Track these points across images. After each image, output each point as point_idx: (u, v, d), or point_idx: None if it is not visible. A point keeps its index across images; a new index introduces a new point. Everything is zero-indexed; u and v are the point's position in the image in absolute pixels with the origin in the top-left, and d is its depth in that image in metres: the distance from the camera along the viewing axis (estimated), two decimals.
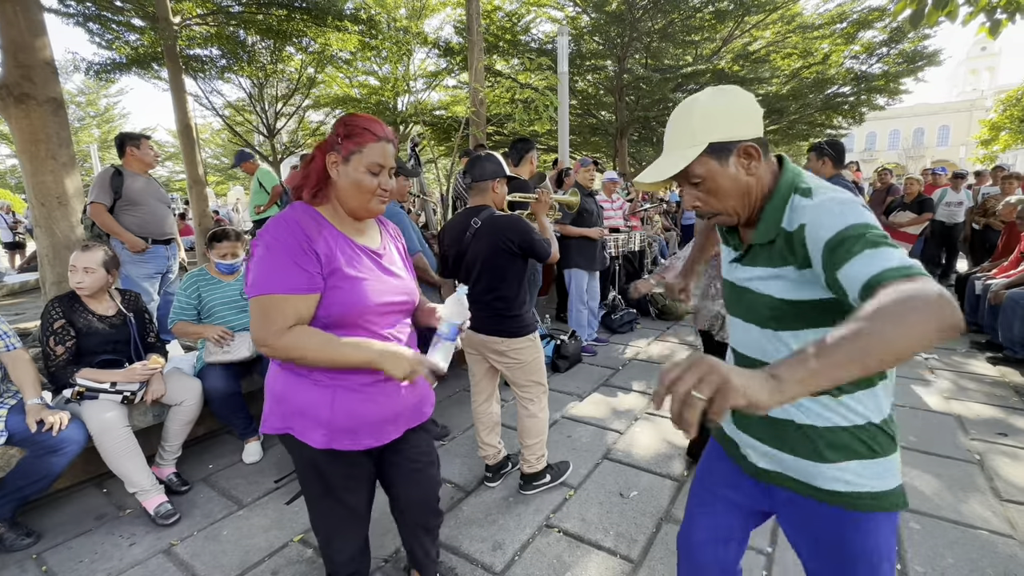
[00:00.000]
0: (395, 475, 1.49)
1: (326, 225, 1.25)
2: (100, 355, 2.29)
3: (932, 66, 11.50)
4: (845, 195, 0.86)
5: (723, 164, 0.92)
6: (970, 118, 36.85)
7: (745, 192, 0.94)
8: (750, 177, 0.93)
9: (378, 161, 1.25)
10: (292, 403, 1.26)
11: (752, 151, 0.91)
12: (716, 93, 0.93)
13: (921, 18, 3.39)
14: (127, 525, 2.21)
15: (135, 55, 8.31)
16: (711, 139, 0.91)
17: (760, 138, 0.93)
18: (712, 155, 0.92)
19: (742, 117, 0.92)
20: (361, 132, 1.24)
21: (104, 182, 3.33)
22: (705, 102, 0.93)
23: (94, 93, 21.06)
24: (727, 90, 0.94)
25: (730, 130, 0.91)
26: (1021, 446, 2.69)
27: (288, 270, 1.16)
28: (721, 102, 0.92)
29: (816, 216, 0.85)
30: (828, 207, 0.84)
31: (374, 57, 11.58)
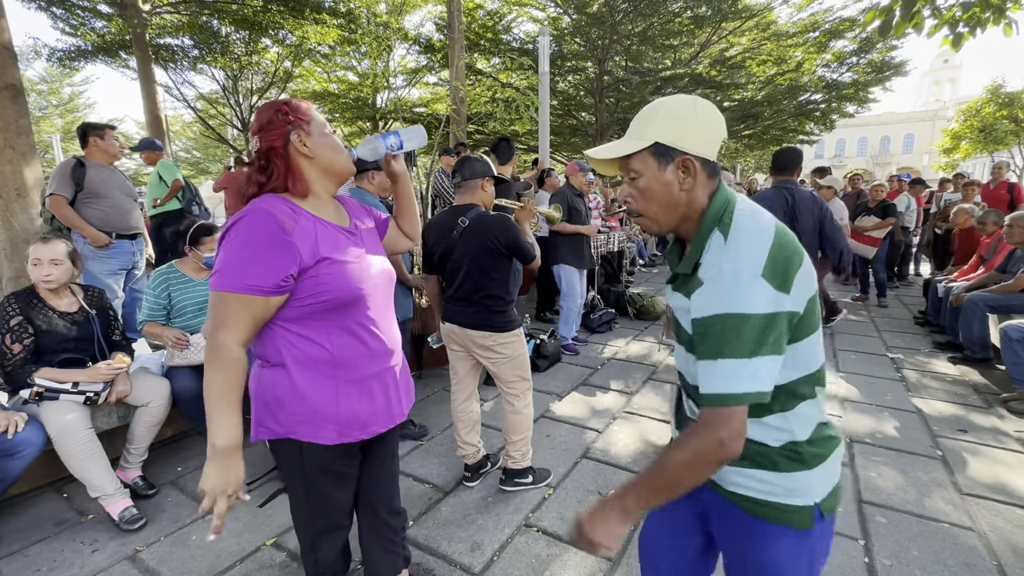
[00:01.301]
0: (370, 471, 1.47)
1: (302, 212, 1.19)
2: (61, 354, 2.19)
3: (898, 76, 11.94)
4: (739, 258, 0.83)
5: (661, 167, 0.92)
6: (933, 127, 38.41)
7: (673, 204, 0.94)
8: (682, 192, 0.92)
9: (323, 122, 1.27)
10: (296, 407, 1.21)
11: (690, 165, 0.91)
12: (686, 101, 0.93)
13: (889, 29, 3.51)
14: (89, 531, 2.12)
15: (101, 42, 8.00)
16: (659, 139, 0.91)
17: (707, 159, 0.92)
18: (654, 155, 0.92)
19: (698, 132, 0.91)
20: (296, 106, 1.22)
21: (65, 173, 3.18)
22: (671, 104, 0.93)
23: (57, 81, 20.22)
24: (698, 102, 0.93)
25: (681, 138, 0.91)
26: (980, 442, 2.81)
27: (254, 269, 1.09)
28: (684, 110, 0.92)
29: (708, 279, 0.85)
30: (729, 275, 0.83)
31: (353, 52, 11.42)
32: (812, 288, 0.88)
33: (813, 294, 0.88)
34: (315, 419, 1.22)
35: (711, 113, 0.93)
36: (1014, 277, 3.84)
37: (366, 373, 1.27)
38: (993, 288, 4.02)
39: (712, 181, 0.94)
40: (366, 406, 1.27)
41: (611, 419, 3.14)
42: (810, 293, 0.87)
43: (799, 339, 0.88)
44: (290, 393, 1.21)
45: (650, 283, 7.65)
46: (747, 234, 0.86)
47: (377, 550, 1.57)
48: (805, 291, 0.86)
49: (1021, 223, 3.84)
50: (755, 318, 0.80)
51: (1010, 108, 17.56)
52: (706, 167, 0.92)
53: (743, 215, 0.89)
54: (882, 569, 1.86)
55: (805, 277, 0.86)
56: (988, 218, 4.60)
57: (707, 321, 0.84)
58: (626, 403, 3.39)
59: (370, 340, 1.27)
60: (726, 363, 0.81)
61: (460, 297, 2.20)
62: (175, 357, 2.51)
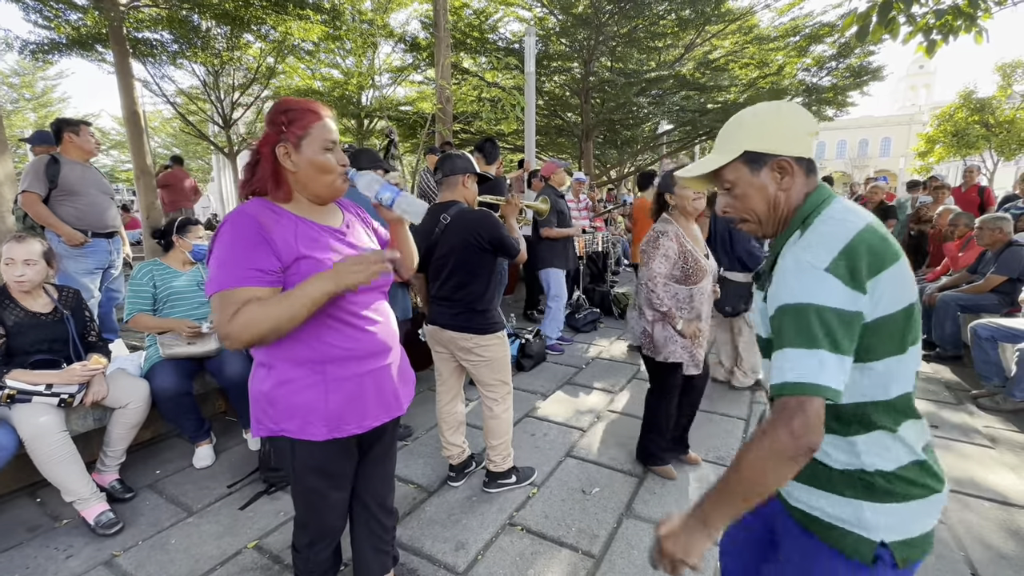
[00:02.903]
0: (366, 466, 1.48)
1: (284, 214, 1.22)
2: (34, 355, 2.13)
3: (876, 81, 12.22)
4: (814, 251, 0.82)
5: (754, 173, 0.93)
6: (909, 131, 39.40)
7: (772, 204, 0.94)
8: (781, 192, 0.93)
9: (329, 138, 1.22)
10: (285, 404, 1.22)
11: (786, 165, 0.91)
12: (772, 107, 0.94)
13: (867, 34, 3.60)
14: (63, 536, 2.07)
15: (77, 36, 7.79)
16: (747, 147, 0.92)
17: (804, 158, 0.92)
18: (746, 163, 0.93)
19: (788, 133, 0.91)
20: (304, 114, 1.20)
21: (38, 170, 3.09)
22: (757, 112, 0.94)
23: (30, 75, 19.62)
24: (783, 106, 0.94)
25: (770, 143, 0.91)
26: (951, 438, 2.90)
27: (241, 264, 1.12)
28: (771, 116, 0.93)
29: (781, 272, 0.85)
30: (791, 267, 0.83)
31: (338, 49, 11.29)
32: (897, 302, 0.82)
33: (897, 310, 0.82)
34: (304, 416, 1.22)
35: (795, 111, 0.93)
36: (984, 278, 3.97)
37: (358, 370, 1.27)
38: (964, 288, 4.15)
39: (810, 179, 0.93)
40: (357, 402, 1.27)
41: (595, 418, 3.17)
42: (892, 307, 0.82)
43: (874, 357, 0.83)
44: (279, 390, 1.22)
45: (634, 283, 7.71)
46: (822, 230, 0.84)
47: (368, 548, 1.57)
48: (884, 301, 0.81)
49: (990, 226, 3.96)
50: (820, 309, 0.78)
51: (981, 114, 18.12)
52: (802, 164, 0.92)
53: (832, 213, 0.87)
54: None
55: (893, 286, 0.81)
56: (959, 220, 4.74)
57: (776, 315, 0.83)
58: (610, 402, 3.42)
59: (361, 336, 1.27)
60: (791, 352, 0.78)
61: (443, 296, 2.19)
62: (174, 346, 2.49)
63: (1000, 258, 3.88)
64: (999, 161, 19.39)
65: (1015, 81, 18.14)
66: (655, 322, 2.33)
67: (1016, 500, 2.30)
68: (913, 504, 0.86)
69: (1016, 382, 3.16)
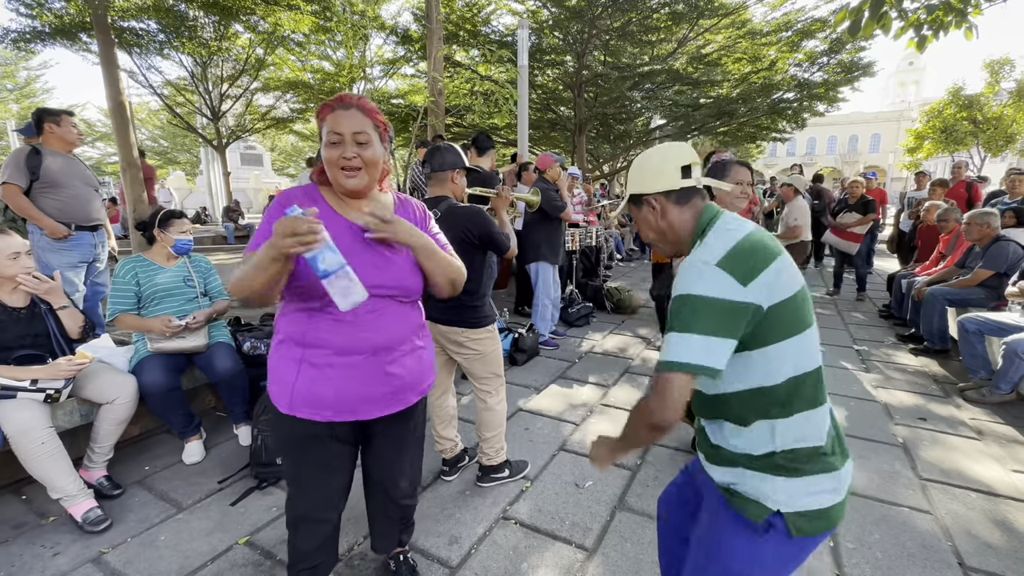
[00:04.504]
0: (373, 452, 1.54)
1: (320, 201, 1.30)
2: (17, 350, 2.09)
3: (867, 77, 12.29)
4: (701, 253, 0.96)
5: (640, 210, 1.13)
6: (898, 127, 39.69)
7: (659, 233, 1.12)
8: (662, 222, 1.10)
9: (334, 129, 1.21)
10: (272, 367, 1.34)
11: (652, 201, 1.09)
12: (645, 155, 1.12)
13: (858, 29, 3.61)
14: (50, 534, 2.04)
15: (60, 24, 7.61)
16: (631, 191, 1.14)
17: (671, 191, 1.07)
18: (633, 203, 1.15)
19: (652, 175, 1.09)
20: (324, 107, 1.24)
21: (19, 161, 3.02)
22: (636, 162, 1.13)
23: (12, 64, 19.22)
24: (654, 152, 1.11)
25: (640, 186, 1.11)
26: (939, 430, 2.94)
27: (260, 234, 1.23)
28: (641, 163, 1.12)
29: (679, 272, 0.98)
30: (687, 266, 0.97)
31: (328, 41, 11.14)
32: (784, 291, 0.93)
33: (785, 299, 0.93)
34: (278, 384, 1.32)
35: (663, 152, 1.10)
36: (971, 272, 4.02)
37: (331, 361, 1.27)
38: (952, 283, 4.20)
39: (686, 206, 1.08)
40: (332, 391, 1.27)
41: (588, 412, 3.17)
42: (780, 296, 0.93)
43: (765, 342, 0.94)
44: (274, 354, 1.34)
45: (628, 277, 7.74)
46: (714, 237, 0.99)
47: (377, 522, 1.68)
48: (773, 292, 0.92)
49: (978, 221, 4.01)
50: (705, 300, 0.89)
51: (969, 110, 18.30)
52: (670, 197, 1.08)
53: (722, 225, 1.01)
54: (846, 552, 1.94)
55: (775, 280, 0.93)
56: (948, 215, 4.79)
57: (671, 306, 0.95)
58: (603, 396, 3.42)
59: (343, 330, 1.27)
60: (671, 335, 0.92)
61: None
62: (161, 341, 2.45)
63: (987, 253, 3.93)
64: (986, 157, 19.62)
65: (1003, 78, 18.32)
66: None
67: (1002, 491, 2.34)
68: (808, 479, 0.96)
69: (1002, 375, 3.21)
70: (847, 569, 1.85)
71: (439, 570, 1.85)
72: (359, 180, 1.25)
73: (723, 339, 0.89)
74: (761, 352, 0.94)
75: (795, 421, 0.97)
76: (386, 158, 1.35)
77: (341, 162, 1.22)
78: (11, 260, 2.08)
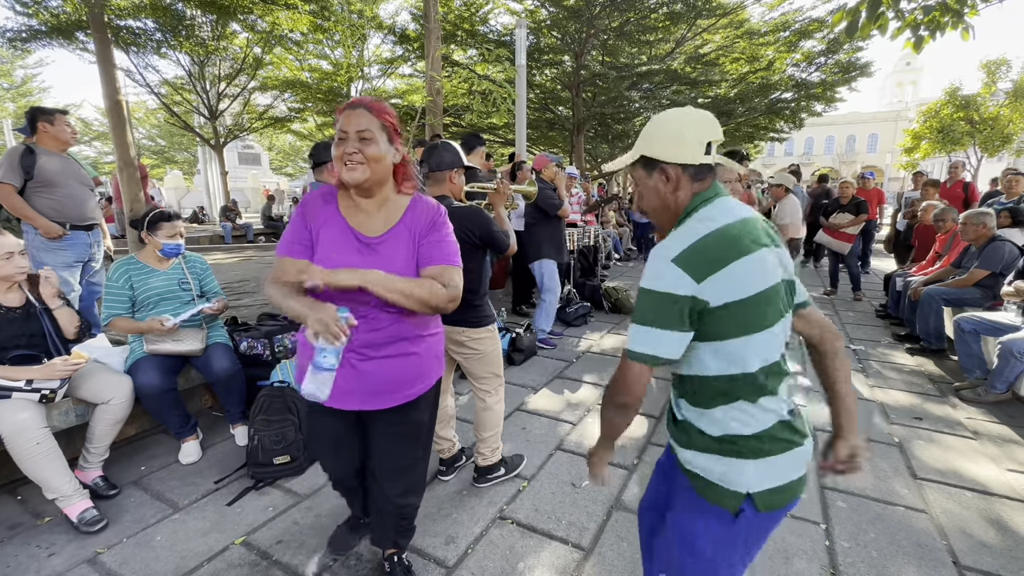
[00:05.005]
0: (369, 441, 1.61)
1: (332, 203, 1.42)
2: (12, 350, 2.08)
3: (864, 77, 12.34)
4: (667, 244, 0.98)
5: (648, 176, 1.06)
6: (895, 127, 39.81)
7: (663, 206, 1.07)
8: (669, 195, 1.05)
9: (342, 127, 1.31)
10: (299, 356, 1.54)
11: (669, 172, 1.03)
12: (672, 116, 1.03)
13: (856, 30, 3.62)
14: (45, 534, 2.03)
15: (56, 23, 7.58)
16: (643, 152, 1.05)
17: (690, 165, 1.02)
18: (643, 166, 1.07)
19: (676, 143, 1.02)
20: (339, 109, 1.35)
21: (13, 161, 3.00)
22: (659, 120, 1.05)
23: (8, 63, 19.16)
24: (684, 116, 1.03)
25: (659, 150, 1.03)
26: (935, 429, 2.95)
27: (288, 237, 1.40)
28: (667, 124, 1.03)
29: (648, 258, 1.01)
30: (651, 256, 0.99)
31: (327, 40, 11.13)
32: (741, 291, 0.94)
33: (743, 298, 0.94)
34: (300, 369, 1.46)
35: (692, 121, 1.02)
36: (967, 272, 4.03)
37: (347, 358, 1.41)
38: (948, 283, 4.21)
39: (698, 183, 1.03)
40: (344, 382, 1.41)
41: (585, 412, 3.18)
42: (736, 295, 0.94)
43: (725, 336, 0.97)
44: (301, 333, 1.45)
45: (625, 277, 7.74)
46: (684, 228, 1.00)
47: (374, 514, 1.76)
48: (728, 290, 0.93)
49: (974, 221, 4.02)
50: (657, 294, 0.95)
51: (966, 110, 18.36)
52: (688, 171, 1.02)
53: (702, 215, 1.00)
54: (841, 551, 1.94)
55: (732, 278, 0.93)
56: (945, 215, 4.81)
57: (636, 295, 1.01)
58: (600, 396, 3.42)
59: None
60: (632, 327, 0.99)
61: None
62: (157, 342, 2.44)
63: (983, 253, 3.94)
64: (983, 157, 19.68)
65: (999, 78, 18.39)
66: None
67: (997, 490, 2.35)
68: (776, 458, 1.00)
69: (997, 374, 3.22)
70: (842, 568, 1.86)
71: (436, 570, 1.85)
72: (359, 174, 1.31)
73: (673, 331, 0.95)
74: (712, 345, 0.98)
75: (754, 407, 1.00)
76: (396, 158, 1.40)
77: (344, 157, 1.30)
78: (4, 260, 2.08)
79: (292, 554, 1.91)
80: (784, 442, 1.01)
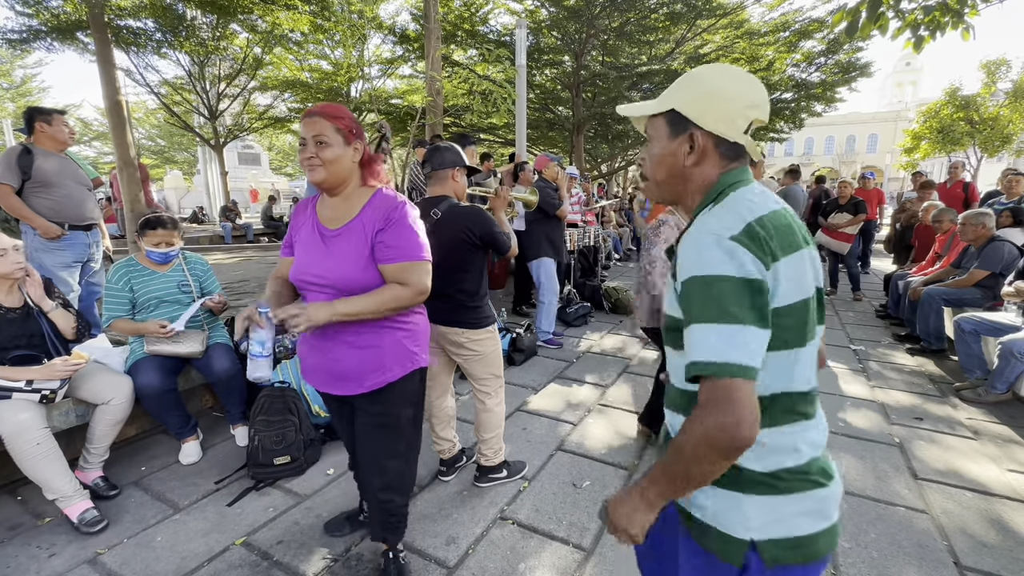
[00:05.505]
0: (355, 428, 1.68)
1: (312, 205, 1.59)
2: (12, 351, 2.08)
3: (864, 77, 12.34)
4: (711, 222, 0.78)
5: (671, 136, 0.87)
6: (895, 128, 39.82)
7: (677, 177, 0.88)
8: (687, 167, 0.86)
9: (302, 135, 1.46)
10: None
11: (696, 142, 0.84)
12: (715, 71, 0.85)
13: (856, 30, 3.62)
14: (46, 535, 2.03)
15: (56, 23, 7.58)
16: (676, 106, 0.85)
17: (726, 139, 0.84)
18: (668, 122, 0.87)
19: (718, 105, 0.83)
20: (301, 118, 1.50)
21: (10, 161, 3.00)
22: (699, 72, 0.86)
23: (8, 63, 19.15)
24: (730, 72, 0.85)
25: (697, 110, 0.83)
26: (934, 429, 2.95)
27: (284, 240, 1.65)
28: (711, 77, 0.84)
29: (683, 246, 0.79)
30: (694, 237, 0.78)
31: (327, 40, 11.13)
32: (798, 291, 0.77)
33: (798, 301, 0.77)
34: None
35: (744, 86, 0.84)
36: (967, 273, 4.03)
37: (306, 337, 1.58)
38: (948, 283, 4.21)
39: (728, 162, 0.85)
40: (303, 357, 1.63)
41: (586, 412, 3.18)
42: (794, 296, 0.76)
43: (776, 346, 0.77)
44: None
45: (626, 277, 7.74)
46: (732, 204, 0.79)
47: (365, 502, 1.84)
48: (788, 288, 0.76)
49: (972, 221, 4.02)
50: (733, 280, 0.72)
51: (966, 110, 18.36)
52: (720, 146, 0.84)
53: (747, 193, 0.81)
54: (841, 551, 1.94)
55: (793, 273, 0.76)
56: (944, 216, 4.81)
57: (682, 289, 0.76)
58: (601, 396, 3.42)
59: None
60: (701, 329, 0.72)
61: (433, 292, 2.17)
62: (158, 343, 2.43)
63: (982, 253, 3.94)
64: (983, 157, 19.69)
65: (999, 79, 18.39)
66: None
67: (998, 490, 2.35)
68: (784, 498, 0.80)
69: (997, 375, 3.22)
70: (843, 568, 1.86)
71: (436, 570, 1.85)
72: (317, 175, 1.45)
73: (759, 329, 0.71)
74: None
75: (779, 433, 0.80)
76: (356, 156, 1.50)
77: (304, 161, 1.45)
78: (13, 255, 2.08)
79: (293, 554, 1.91)
80: (797, 480, 0.80)
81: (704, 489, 0.82)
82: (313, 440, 2.54)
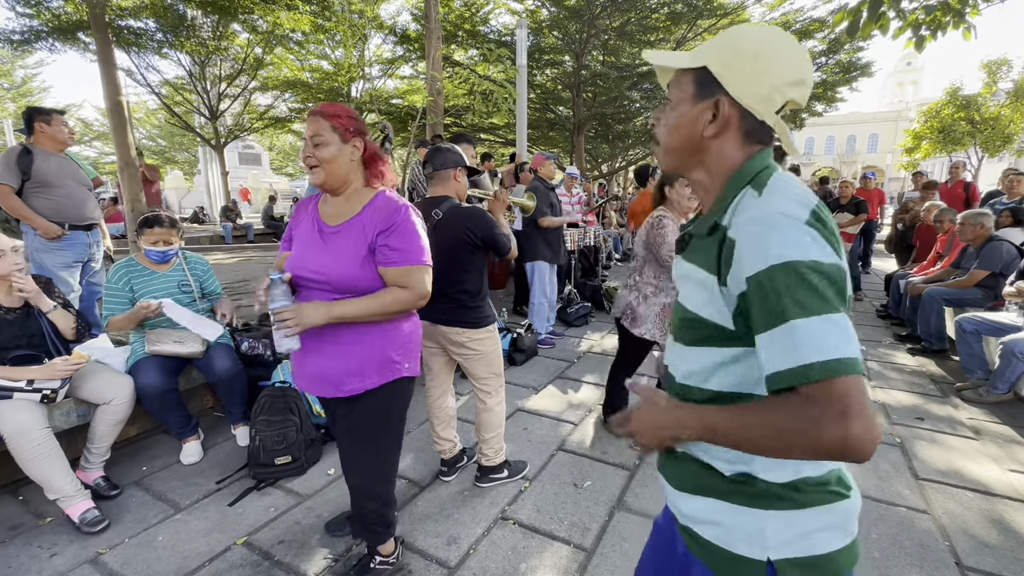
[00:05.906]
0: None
1: (314, 202, 1.59)
2: (13, 351, 2.08)
3: (865, 77, 12.34)
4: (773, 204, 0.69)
5: (696, 98, 0.77)
6: (896, 127, 39.77)
7: (694, 146, 0.79)
8: (708, 138, 0.77)
9: (303, 134, 1.49)
10: None
11: (721, 111, 0.75)
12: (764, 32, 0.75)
13: (857, 30, 3.61)
14: (47, 535, 2.03)
15: (57, 23, 7.59)
16: (710, 64, 0.75)
17: (754, 116, 0.75)
18: (696, 82, 0.77)
19: (758, 73, 0.72)
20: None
21: (10, 161, 3.00)
22: (746, 31, 0.76)
23: (8, 63, 19.16)
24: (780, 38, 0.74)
25: (731, 75, 0.74)
26: (936, 430, 2.94)
27: (284, 235, 1.66)
28: (754, 44, 0.73)
29: (746, 234, 0.69)
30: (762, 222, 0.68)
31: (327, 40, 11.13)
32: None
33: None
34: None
35: (785, 60, 0.73)
36: (967, 273, 4.03)
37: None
38: (948, 283, 4.21)
39: (751, 144, 0.77)
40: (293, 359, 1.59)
41: (587, 412, 3.17)
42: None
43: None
44: None
45: (626, 277, 7.74)
46: (783, 188, 0.72)
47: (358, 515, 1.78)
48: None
49: (971, 221, 4.02)
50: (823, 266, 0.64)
51: (967, 110, 18.33)
52: (745, 121, 0.75)
53: (786, 181, 0.74)
54: None
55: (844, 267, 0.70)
56: (944, 216, 4.81)
57: (759, 278, 0.65)
58: (601, 396, 3.42)
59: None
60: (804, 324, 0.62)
61: (434, 292, 2.17)
62: (159, 343, 2.43)
63: (982, 253, 3.94)
64: (984, 157, 19.66)
65: (1000, 78, 18.36)
66: (644, 299, 2.60)
67: (999, 491, 2.34)
68: (806, 512, 0.73)
69: (999, 375, 3.22)
70: None
71: (437, 570, 1.85)
72: (319, 177, 1.46)
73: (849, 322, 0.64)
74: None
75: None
76: (355, 155, 1.48)
77: (304, 162, 1.46)
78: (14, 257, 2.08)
79: (294, 554, 1.91)
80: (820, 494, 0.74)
81: (718, 505, 0.77)
82: (314, 440, 2.54)
